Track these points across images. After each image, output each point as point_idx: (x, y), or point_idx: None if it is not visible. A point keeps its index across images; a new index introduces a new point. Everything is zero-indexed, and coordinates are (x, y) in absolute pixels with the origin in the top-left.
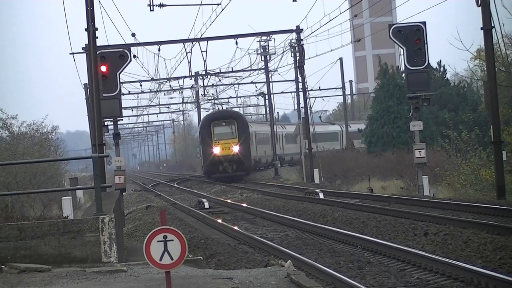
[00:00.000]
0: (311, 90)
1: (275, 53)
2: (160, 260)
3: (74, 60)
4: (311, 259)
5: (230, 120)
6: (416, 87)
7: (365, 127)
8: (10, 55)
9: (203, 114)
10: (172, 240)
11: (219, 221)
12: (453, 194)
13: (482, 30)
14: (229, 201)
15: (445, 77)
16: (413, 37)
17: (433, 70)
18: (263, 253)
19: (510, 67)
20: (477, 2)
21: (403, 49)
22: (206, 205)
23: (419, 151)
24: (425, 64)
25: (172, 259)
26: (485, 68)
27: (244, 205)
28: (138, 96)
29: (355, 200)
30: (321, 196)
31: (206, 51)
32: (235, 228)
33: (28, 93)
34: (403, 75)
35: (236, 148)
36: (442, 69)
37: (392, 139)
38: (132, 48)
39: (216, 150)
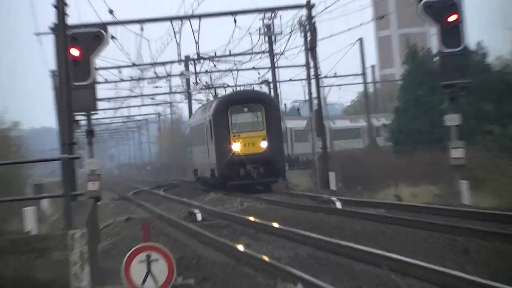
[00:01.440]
0: (325, 77)
1: (281, 33)
2: (143, 284)
3: (40, 43)
4: (327, 282)
5: (256, 104)
6: (451, 74)
7: (391, 121)
8: None
9: (195, 106)
10: (157, 259)
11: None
12: (499, 202)
13: None
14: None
15: (486, 61)
16: (447, 13)
17: (472, 53)
18: (268, 276)
19: None
20: None
21: (435, 27)
22: (199, 217)
23: (457, 151)
24: (462, 46)
25: (156, 283)
26: None
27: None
28: (116, 85)
29: (380, 211)
30: (338, 205)
31: (199, 31)
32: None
33: None
34: (436, 58)
35: (264, 144)
36: (482, 51)
37: (423, 136)
38: (109, 28)
39: (236, 146)
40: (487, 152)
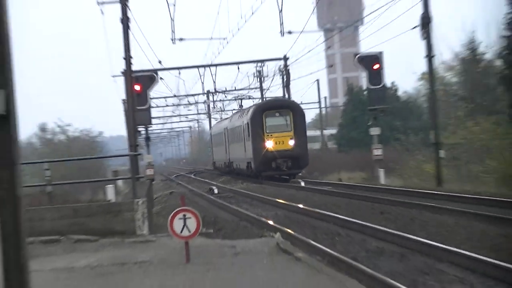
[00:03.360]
0: None
1: (267, 76)
2: (181, 232)
3: (115, 81)
4: (295, 232)
5: (285, 110)
6: (375, 102)
7: (336, 132)
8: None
9: (213, 122)
10: (190, 217)
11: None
12: (403, 183)
13: (425, 58)
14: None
15: (396, 93)
16: (373, 63)
17: (388, 89)
18: (259, 228)
19: (446, 86)
20: (422, 36)
21: (365, 72)
22: (215, 191)
23: (377, 150)
24: (382, 84)
25: (189, 232)
26: (429, 87)
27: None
28: (163, 109)
29: (329, 187)
30: (303, 184)
31: (215, 74)
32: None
33: (80, 108)
34: (366, 92)
35: (291, 142)
36: (395, 88)
37: (357, 142)
38: (159, 72)
39: (269, 144)
40: (396, 152)
